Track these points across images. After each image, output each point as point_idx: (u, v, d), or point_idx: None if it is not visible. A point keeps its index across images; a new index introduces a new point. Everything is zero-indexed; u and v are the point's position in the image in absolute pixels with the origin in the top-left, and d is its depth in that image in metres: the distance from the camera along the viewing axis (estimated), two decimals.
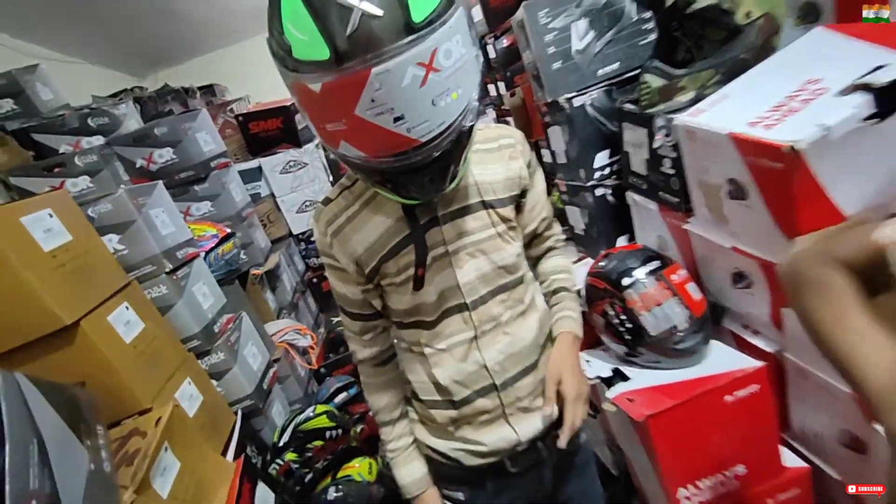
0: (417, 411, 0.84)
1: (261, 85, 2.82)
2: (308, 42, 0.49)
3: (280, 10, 0.52)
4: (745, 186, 0.83)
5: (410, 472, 0.81)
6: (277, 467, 1.39)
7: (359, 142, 0.55)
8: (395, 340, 0.84)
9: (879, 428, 0.73)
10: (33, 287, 0.90)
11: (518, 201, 0.76)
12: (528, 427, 0.78)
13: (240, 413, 1.43)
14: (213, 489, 1.15)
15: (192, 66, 4.40)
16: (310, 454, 1.41)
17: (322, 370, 2.07)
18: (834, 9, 0.92)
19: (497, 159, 0.73)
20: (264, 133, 2.61)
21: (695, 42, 1.06)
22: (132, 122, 2.05)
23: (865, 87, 0.68)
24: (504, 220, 0.73)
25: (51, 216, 0.99)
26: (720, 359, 0.95)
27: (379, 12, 0.48)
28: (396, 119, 0.51)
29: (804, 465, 0.94)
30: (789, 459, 0.95)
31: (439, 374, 0.75)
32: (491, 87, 2.80)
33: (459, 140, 0.59)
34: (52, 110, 2.01)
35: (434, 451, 0.82)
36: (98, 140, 1.89)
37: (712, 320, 1.06)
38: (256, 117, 2.58)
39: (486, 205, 0.72)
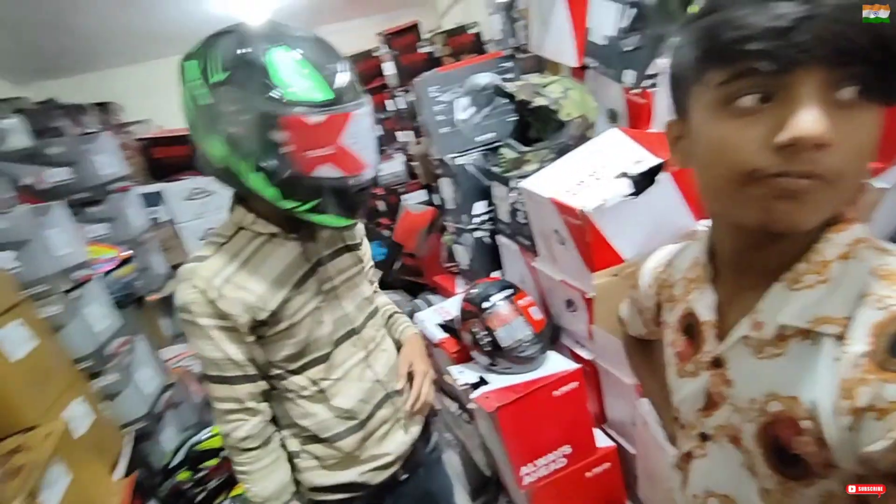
0: (317, 456, 0.86)
1: (164, 109, 2.79)
2: (311, 86, 0.68)
3: (266, 65, 0.67)
4: (563, 235, 1.15)
5: (278, 479, 0.83)
6: (169, 488, 1.40)
7: (340, 163, 0.72)
8: (278, 398, 0.85)
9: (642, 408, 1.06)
10: None
11: (360, 248, 0.94)
12: (415, 429, 0.94)
13: (131, 435, 1.44)
14: None
15: (83, 81, 4.15)
16: (203, 473, 1.44)
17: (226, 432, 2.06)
18: (627, 115, 1.32)
19: None
20: (169, 159, 2.60)
21: (542, 126, 1.43)
22: (19, 137, 1.98)
23: (627, 175, 1.04)
24: (360, 260, 0.92)
25: None
26: (553, 364, 1.24)
27: (352, 78, 0.72)
28: (361, 148, 0.73)
29: (612, 444, 1.25)
30: (602, 441, 1.26)
31: (342, 402, 0.84)
32: (400, 135, 3.12)
33: None
34: None
35: (341, 486, 0.87)
36: None
37: (552, 337, 1.37)
38: (162, 143, 2.57)
39: (349, 248, 0.90)
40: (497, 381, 1.24)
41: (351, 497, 0.88)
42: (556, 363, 1.25)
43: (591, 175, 1.12)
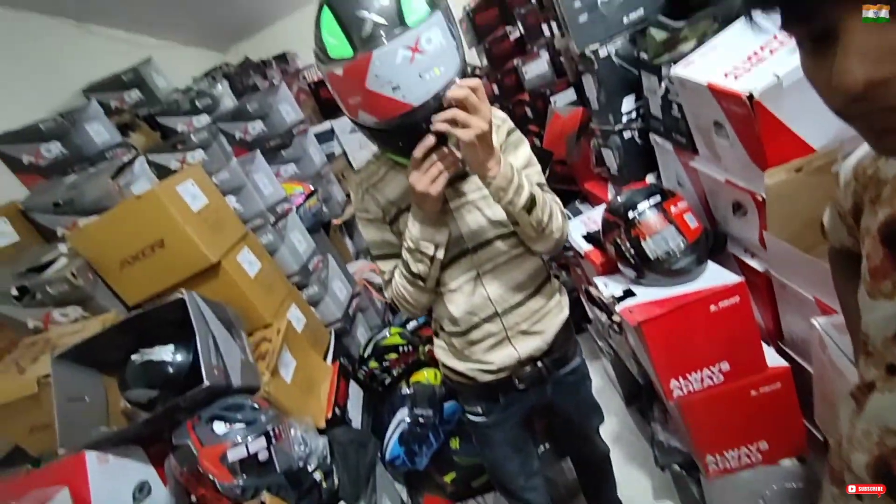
0: (443, 340, 1.06)
1: None
2: (337, 44, 0.72)
3: (319, 24, 0.74)
4: (726, 128, 0.96)
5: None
6: (364, 373, 1.78)
7: (371, 109, 0.74)
8: None
9: None
10: (191, 237, 1.29)
11: None
12: (526, 347, 0.99)
13: (333, 332, 1.84)
14: (319, 382, 1.56)
15: (266, 36, 4.76)
16: (387, 364, 1.78)
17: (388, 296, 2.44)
18: None
19: None
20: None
21: None
22: (228, 99, 2.44)
23: None
24: (482, 186, 0.89)
25: (193, 185, 1.37)
26: (712, 276, 1.12)
27: (383, 21, 0.70)
28: (394, 88, 0.71)
29: (784, 364, 1.11)
30: (773, 360, 1.12)
31: (453, 309, 0.96)
32: (545, 28, 2.84)
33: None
34: (167, 95, 2.45)
35: (456, 371, 1.05)
36: (205, 118, 2.30)
37: (715, 245, 1.21)
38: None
39: (468, 174, 0.91)
40: (645, 294, 1.17)
41: (464, 383, 1.05)
42: (715, 275, 1.12)
43: (768, 46, 0.88)
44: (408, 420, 1.56)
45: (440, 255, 0.90)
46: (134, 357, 1.13)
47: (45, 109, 2.05)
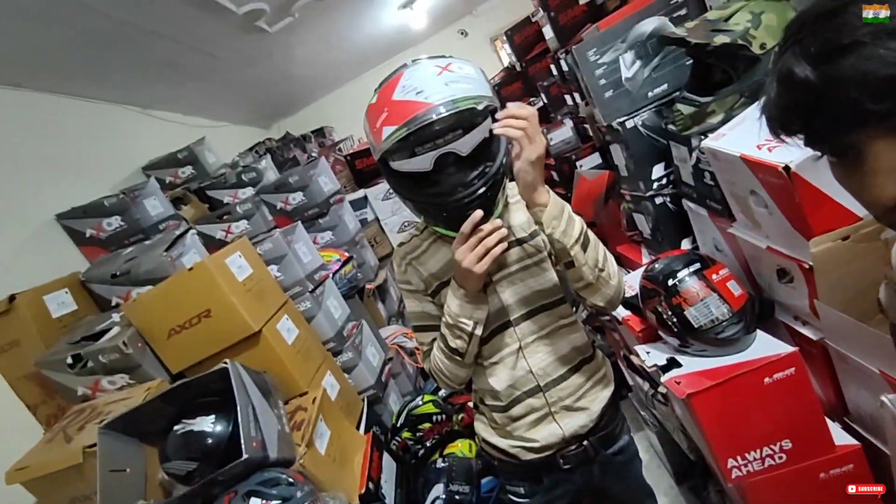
0: (484, 415, 1.04)
1: (360, 123, 3.31)
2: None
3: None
4: (763, 198, 0.97)
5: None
6: (397, 443, 1.73)
7: (392, 118, 0.76)
8: None
9: None
10: (235, 306, 1.34)
11: (532, 239, 0.94)
12: (571, 424, 0.96)
13: (366, 400, 1.81)
14: (353, 454, 1.52)
15: (305, 113, 5.18)
16: (420, 434, 1.73)
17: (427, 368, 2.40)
18: None
19: (520, 206, 0.94)
20: (367, 167, 3.08)
21: (729, 63, 1.20)
22: (271, 172, 2.62)
23: None
24: (536, 251, 0.93)
25: (240, 257, 1.45)
26: (763, 346, 1.07)
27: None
28: (418, 93, 0.76)
29: (855, 442, 1.02)
30: (841, 437, 1.04)
31: (494, 382, 0.96)
32: (568, 98, 2.98)
33: (483, 146, 0.81)
34: (216, 170, 2.65)
35: (497, 448, 1.01)
36: (249, 191, 2.46)
37: (762, 313, 1.17)
38: (361, 155, 3.05)
39: (518, 241, 0.93)
40: (691, 364, 1.13)
41: (506, 461, 1.00)
42: (766, 344, 1.07)
43: None
44: (443, 497, 1.48)
45: (479, 331, 0.90)
46: (176, 428, 1.14)
47: (109, 186, 2.24)
